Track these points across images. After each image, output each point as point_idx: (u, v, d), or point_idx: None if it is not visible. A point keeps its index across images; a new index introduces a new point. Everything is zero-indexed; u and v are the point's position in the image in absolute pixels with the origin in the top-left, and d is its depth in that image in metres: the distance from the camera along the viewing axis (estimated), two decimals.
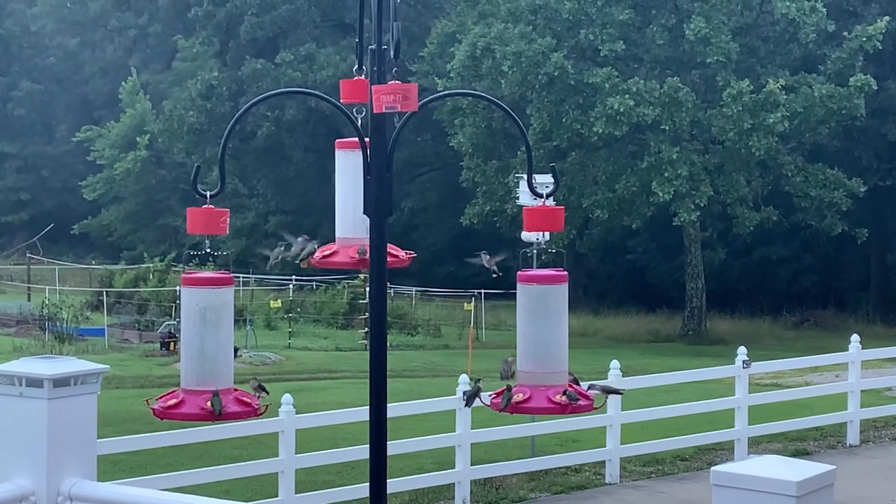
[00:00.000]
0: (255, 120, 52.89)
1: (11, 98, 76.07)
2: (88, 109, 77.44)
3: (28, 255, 56.00)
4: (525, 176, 6.59)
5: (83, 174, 70.41)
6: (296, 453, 13.33)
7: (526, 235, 5.96)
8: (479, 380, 5.80)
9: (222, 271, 5.48)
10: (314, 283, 47.74)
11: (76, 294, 43.55)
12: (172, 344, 30.90)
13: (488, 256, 6.64)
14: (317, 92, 6.48)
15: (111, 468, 14.44)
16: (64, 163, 75.58)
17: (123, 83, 70.68)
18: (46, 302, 38.83)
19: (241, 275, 49.72)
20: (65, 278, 52.33)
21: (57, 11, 72.86)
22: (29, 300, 44.89)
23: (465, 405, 6.21)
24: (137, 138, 66.12)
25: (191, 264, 5.68)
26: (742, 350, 17.33)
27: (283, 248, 6.11)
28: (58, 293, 43.30)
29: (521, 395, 5.38)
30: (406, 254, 5.83)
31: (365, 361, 5.65)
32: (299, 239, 5.98)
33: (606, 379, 15.58)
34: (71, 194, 73.14)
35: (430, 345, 37.79)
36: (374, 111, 5.43)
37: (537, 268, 5.56)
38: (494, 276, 6.59)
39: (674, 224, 40.33)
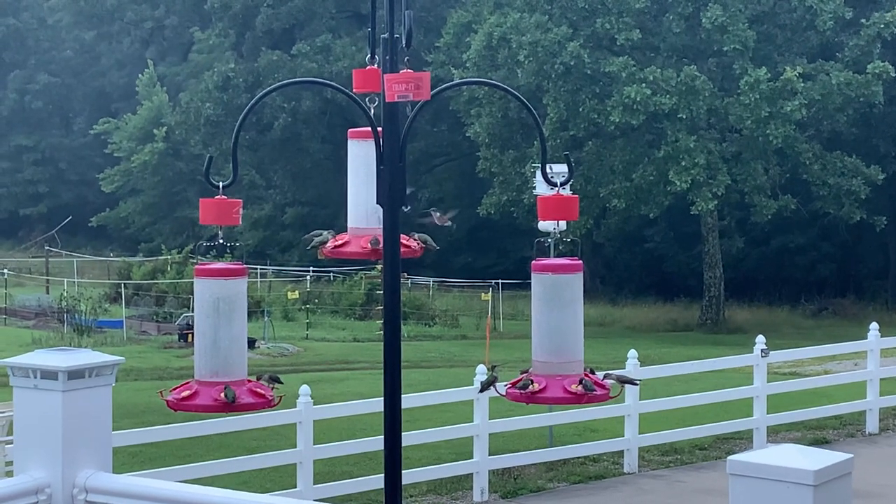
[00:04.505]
0: (271, 112, 52.93)
1: (28, 91, 76.30)
2: (105, 102, 77.65)
3: (46, 247, 56.19)
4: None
5: (100, 167, 70.62)
6: (314, 444, 13.34)
7: (543, 225, 5.91)
8: (495, 367, 5.75)
9: (237, 262, 5.45)
10: (331, 274, 47.79)
11: (94, 286, 43.65)
12: (190, 335, 30.87)
13: (439, 214, 6.39)
14: (328, 81, 6.43)
15: (129, 460, 14.50)
16: (81, 155, 75.83)
17: (140, 75, 70.83)
18: (65, 294, 38.99)
19: (258, 266, 49.83)
20: (83, 271, 52.50)
21: (73, 4, 72.92)
22: (47, 293, 45.07)
23: (480, 391, 6.24)
24: (154, 130, 66.26)
25: (207, 256, 5.66)
26: (760, 339, 17.28)
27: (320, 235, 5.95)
28: (76, 285, 43.46)
29: (536, 384, 5.34)
30: (419, 245, 5.80)
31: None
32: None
33: (624, 368, 15.59)
34: (88, 187, 73.38)
35: (447, 335, 37.81)
36: (387, 100, 5.40)
37: (554, 257, 5.53)
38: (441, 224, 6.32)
39: (691, 213, 40.20)
